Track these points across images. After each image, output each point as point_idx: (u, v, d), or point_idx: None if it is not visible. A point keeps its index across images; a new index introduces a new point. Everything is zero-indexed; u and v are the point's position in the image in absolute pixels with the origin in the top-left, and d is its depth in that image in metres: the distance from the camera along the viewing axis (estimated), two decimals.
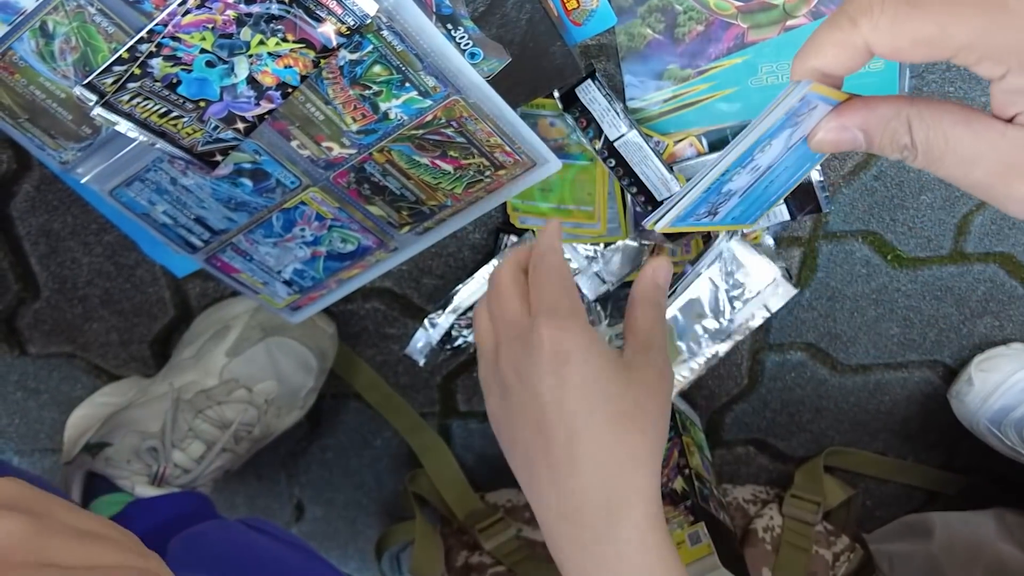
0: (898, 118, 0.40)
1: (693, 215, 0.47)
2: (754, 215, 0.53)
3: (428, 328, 0.90)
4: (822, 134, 0.42)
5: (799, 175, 0.50)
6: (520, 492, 1.03)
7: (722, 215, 0.49)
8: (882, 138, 0.41)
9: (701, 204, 0.45)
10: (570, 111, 0.79)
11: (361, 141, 0.70)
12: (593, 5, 0.71)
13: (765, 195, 0.50)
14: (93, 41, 0.63)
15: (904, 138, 0.40)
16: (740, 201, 0.48)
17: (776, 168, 0.46)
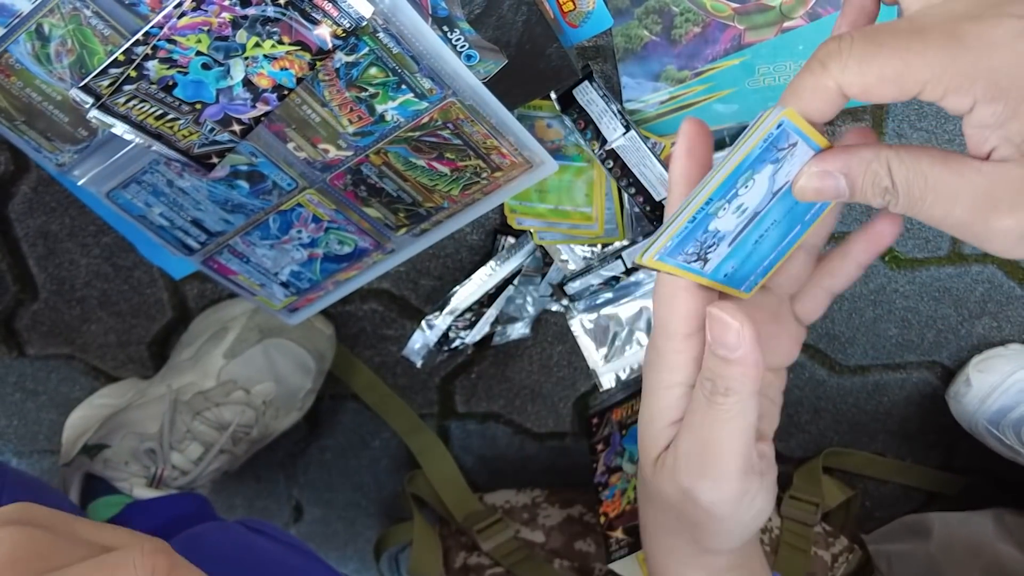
0: (878, 160, 0.41)
1: (681, 253, 0.45)
2: (748, 279, 0.49)
3: (425, 330, 0.90)
4: (804, 180, 0.42)
5: (791, 239, 0.48)
6: (518, 493, 1.03)
7: (713, 265, 0.46)
8: (864, 180, 0.41)
9: (688, 240, 0.44)
10: (568, 112, 0.79)
11: (357, 143, 0.70)
12: (589, 7, 0.71)
13: (757, 254, 0.48)
14: (89, 44, 0.63)
15: (885, 180, 0.40)
16: (731, 253, 0.46)
17: (765, 219, 0.45)
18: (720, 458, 0.46)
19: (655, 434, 0.49)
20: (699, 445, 0.46)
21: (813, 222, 0.48)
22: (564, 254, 0.86)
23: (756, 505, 0.48)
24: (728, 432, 0.45)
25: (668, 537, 0.52)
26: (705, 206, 0.43)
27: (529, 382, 1.01)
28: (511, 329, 0.92)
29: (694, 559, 0.52)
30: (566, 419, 1.05)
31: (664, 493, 0.49)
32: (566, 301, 0.90)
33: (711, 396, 0.45)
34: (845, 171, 0.42)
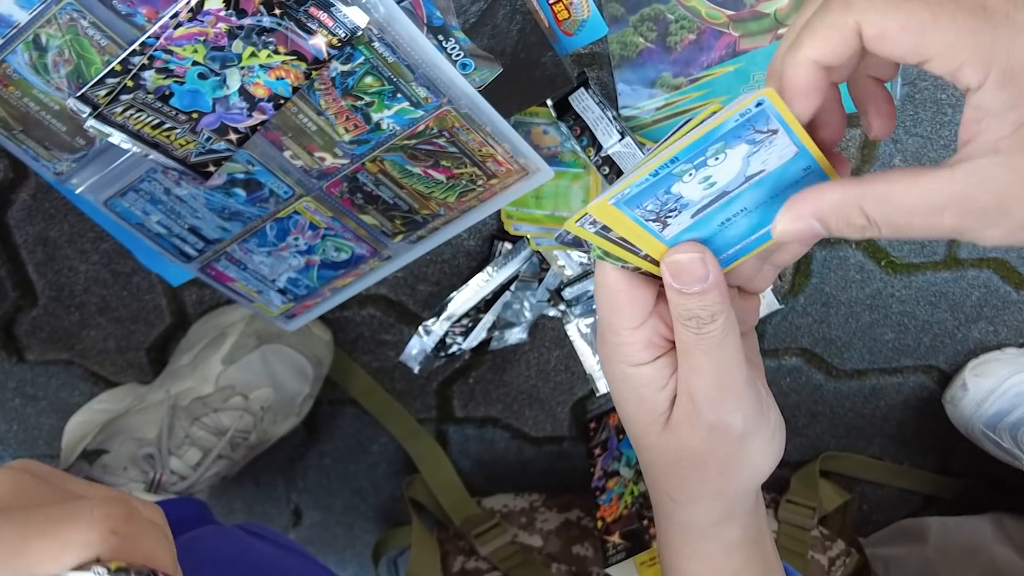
0: (846, 203, 0.40)
1: (639, 206, 0.44)
2: None
3: (423, 335, 0.90)
4: (781, 225, 0.43)
5: (760, 238, 0.48)
6: (516, 497, 1.03)
7: (672, 233, 0.46)
8: (838, 222, 0.41)
9: (648, 193, 0.43)
10: (564, 119, 0.79)
11: (354, 151, 0.70)
12: (584, 15, 0.71)
13: (721, 238, 0.47)
14: (86, 54, 0.63)
15: (859, 220, 0.40)
16: (693, 226, 0.46)
17: (734, 202, 0.45)
18: (732, 377, 0.48)
19: (650, 406, 0.50)
20: (711, 378, 0.47)
21: None
22: (561, 259, 0.86)
23: (772, 417, 0.50)
24: (729, 350, 0.47)
25: (687, 505, 0.53)
26: (670, 163, 0.42)
27: (527, 387, 1.02)
28: (508, 334, 0.92)
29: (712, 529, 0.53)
30: (564, 423, 1.05)
31: (685, 446, 0.50)
32: (563, 306, 0.90)
33: (700, 330, 0.46)
34: (817, 216, 0.41)
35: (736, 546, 0.53)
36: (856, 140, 0.85)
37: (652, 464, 0.53)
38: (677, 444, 0.50)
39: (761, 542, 0.55)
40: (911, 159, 0.86)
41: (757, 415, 0.49)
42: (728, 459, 0.50)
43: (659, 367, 0.49)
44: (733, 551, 0.53)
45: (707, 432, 0.49)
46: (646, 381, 0.50)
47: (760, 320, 0.93)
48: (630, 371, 0.50)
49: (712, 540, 0.53)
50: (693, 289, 0.46)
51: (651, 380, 0.50)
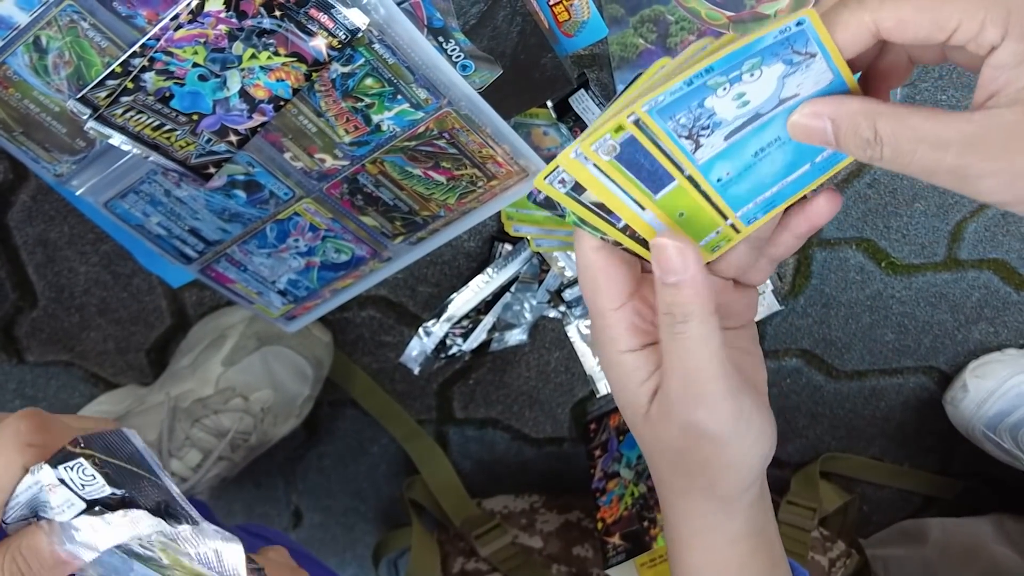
0: (864, 113, 0.41)
1: (672, 118, 0.43)
2: (744, 206, 0.47)
3: (423, 337, 0.90)
4: (795, 116, 0.43)
5: (797, 180, 0.47)
6: (516, 498, 1.03)
7: (705, 156, 0.44)
8: (848, 130, 0.42)
9: (681, 104, 0.42)
10: (564, 120, 0.79)
11: (354, 153, 0.70)
12: (584, 16, 0.71)
13: (756, 174, 0.46)
14: (86, 55, 0.63)
15: (866, 132, 0.41)
16: (726, 151, 0.44)
17: (768, 127, 0.44)
18: (705, 384, 0.46)
19: (632, 398, 0.50)
20: (682, 379, 0.46)
21: (822, 173, 0.47)
22: (561, 261, 0.86)
23: (754, 425, 0.48)
24: (701, 356, 0.45)
25: (683, 495, 0.52)
26: (704, 73, 0.42)
27: (527, 388, 1.02)
28: (509, 336, 0.92)
29: (713, 518, 0.52)
30: (564, 425, 1.05)
31: (665, 439, 0.49)
32: (563, 307, 0.90)
33: (672, 328, 0.45)
34: (833, 116, 0.42)
35: (740, 537, 0.52)
36: None
37: (647, 450, 0.53)
38: (656, 436, 0.50)
39: (767, 533, 0.54)
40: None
41: (734, 421, 0.48)
42: (707, 460, 0.49)
43: (643, 357, 0.49)
44: (737, 542, 0.53)
45: (681, 432, 0.48)
46: (629, 370, 0.49)
47: (760, 321, 0.93)
48: (615, 357, 0.49)
49: (714, 531, 0.53)
50: (669, 280, 0.45)
51: (634, 370, 0.49)
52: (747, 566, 0.53)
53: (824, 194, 0.49)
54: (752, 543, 0.53)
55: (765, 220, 0.48)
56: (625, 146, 0.44)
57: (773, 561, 0.54)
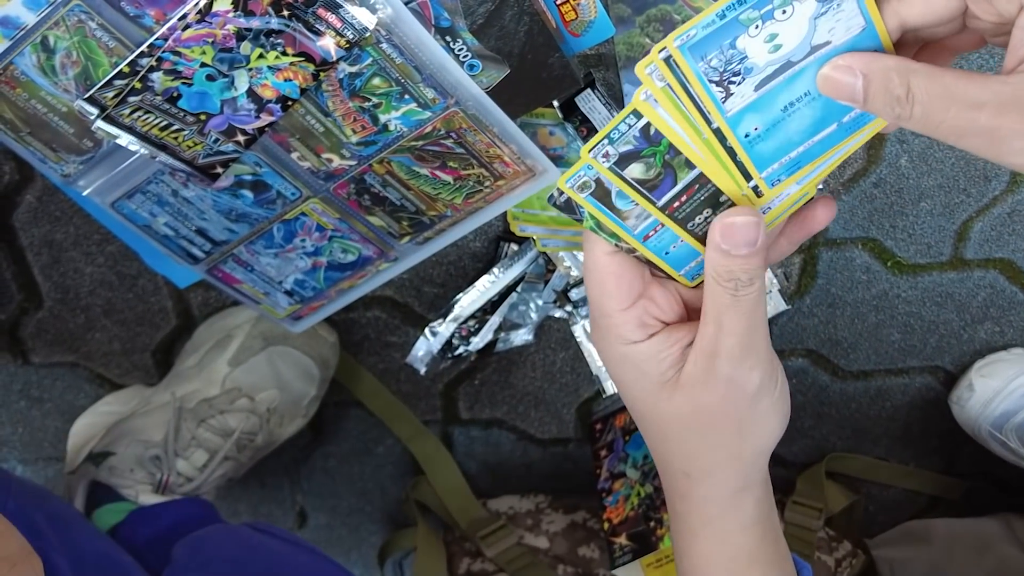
0: (899, 70, 0.41)
1: (703, 58, 0.43)
2: (771, 165, 0.47)
3: (429, 337, 0.90)
4: (826, 69, 0.43)
5: (825, 139, 0.46)
6: (522, 499, 1.03)
7: (736, 107, 0.44)
8: (878, 87, 0.41)
9: (713, 41, 0.42)
10: (570, 120, 0.79)
11: (361, 153, 0.70)
12: (591, 16, 0.71)
13: (784, 130, 0.46)
14: (94, 55, 0.63)
15: (899, 89, 0.41)
16: (756, 103, 0.44)
17: (798, 79, 0.44)
18: (758, 336, 0.49)
19: (657, 376, 0.51)
20: (740, 336, 0.48)
21: (849, 134, 0.47)
22: (567, 261, 0.86)
23: (780, 380, 0.51)
24: (759, 312, 0.48)
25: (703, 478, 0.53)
26: (737, 5, 0.41)
27: (532, 388, 1.02)
28: (514, 336, 0.92)
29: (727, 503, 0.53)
30: (569, 425, 1.05)
31: (699, 406, 0.50)
32: (569, 307, 0.90)
33: (737, 292, 0.47)
34: (865, 71, 0.42)
35: (751, 523, 0.54)
36: None
37: (664, 436, 0.53)
38: (692, 404, 0.51)
39: (773, 521, 0.55)
40: (917, 159, 0.86)
41: (770, 375, 0.50)
42: (742, 417, 0.51)
43: (657, 342, 0.50)
44: (748, 528, 0.54)
45: (724, 389, 0.50)
46: (645, 356, 0.51)
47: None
48: (626, 349, 0.51)
49: (728, 516, 0.53)
50: (741, 252, 0.46)
51: (650, 355, 0.50)
52: (756, 554, 0.54)
53: (821, 202, 0.51)
54: (761, 530, 0.54)
55: (788, 184, 0.48)
56: None
57: (779, 550, 0.55)
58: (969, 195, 0.89)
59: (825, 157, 0.47)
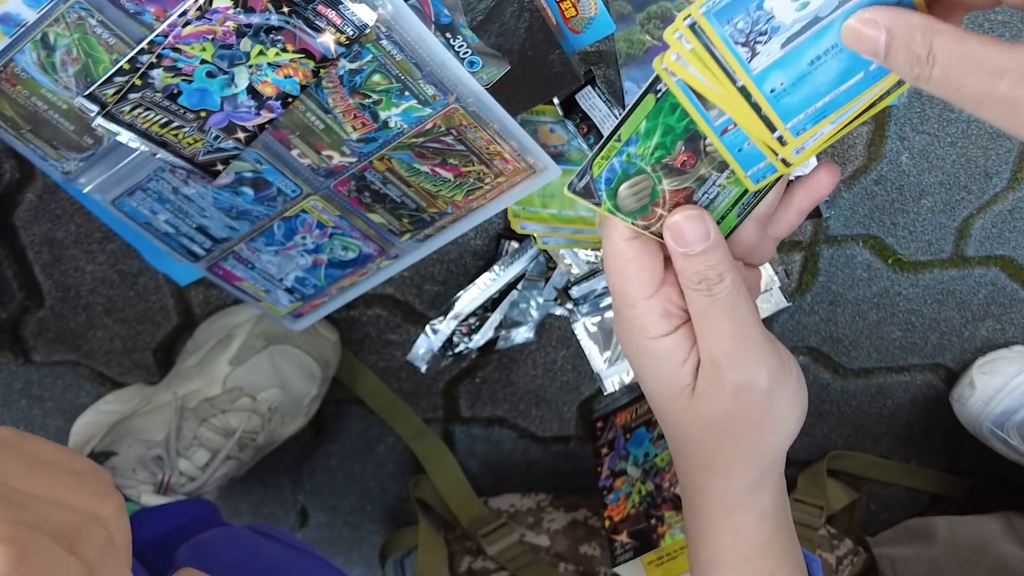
0: (923, 29, 0.40)
1: (729, 21, 0.42)
2: (795, 117, 0.47)
3: (430, 335, 0.90)
4: (851, 20, 0.42)
5: (849, 90, 0.46)
6: (523, 497, 1.03)
7: (761, 65, 0.44)
8: (901, 44, 0.41)
9: (739, 5, 0.41)
10: (571, 117, 0.79)
11: (361, 149, 0.70)
12: (591, 13, 0.71)
13: (810, 83, 0.45)
14: (94, 52, 0.63)
15: (921, 48, 0.40)
16: (783, 60, 0.44)
17: (825, 34, 0.43)
18: (750, 332, 0.48)
19: (674, 379, 0.51)
20: (731, 337, 0.48)
21: (874, 81, 0.46)
22: (568, 258, 0.86)
23: (793, 375, 0.51)
24: (743, 308, 0.48)
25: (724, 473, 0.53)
26: None
27: (533, 386, 1.02)
28: (515, 333, 0.92)
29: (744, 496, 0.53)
30: (570, 423, 1.05)
31: (715, 411, 0.50)
32: (570, 305, 0.90)
33: (711, 292, 0.47)
34: (890, 26, 0.41)
35: (766, 515, 0.54)
36: (863, 138, 0.85)
37: (685, 437, 0.53)
38: (707, 412, 0.50)
39: (786, 514, 0.56)
40: (917, 156, 0.86)
41: (780, 368, 0.50)
42: (759, 418, 0.51)
43: (679, 339, 0.50)
44: (763, 520, 0.54)
45: (734, 393, 0.49)
46: (666, 354, 0.50)
47: (767, 318, 0.93)
48: (650, 344, 0.50)
49: (745, 508, 0.54)
50: (696, 249, 0.46)
51: (671, 353, 0.50)
52: (769, 544, 0.54)
53: (823, 167, 0.50)
54: (775, 520, 0.55)
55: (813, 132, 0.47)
56: None
57: (791, 542, 0.56)
58: (970, 192, 0.89)
59: (851, 104, 0.46)
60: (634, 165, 0.45)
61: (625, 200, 0.46)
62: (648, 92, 0.44)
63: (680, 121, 0.45)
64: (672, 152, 0.46)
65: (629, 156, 0.45)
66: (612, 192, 0.46)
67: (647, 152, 0.45)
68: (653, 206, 0.47)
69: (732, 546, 0.55)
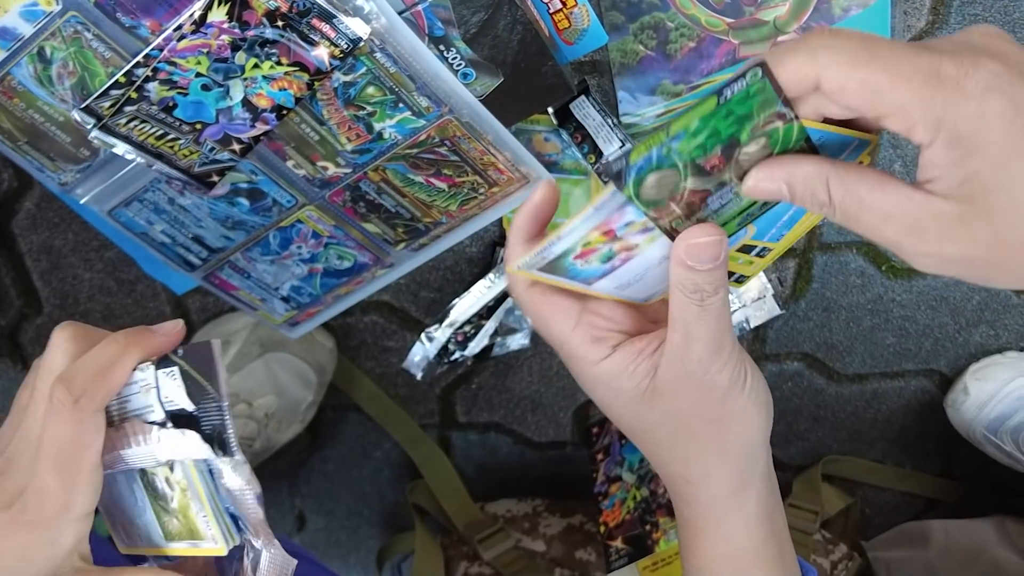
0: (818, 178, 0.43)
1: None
2: None
3: (425, 342, 0.90)
4: (752, 181, 0.45)
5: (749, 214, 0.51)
6: (519, 502, 1.04)
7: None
8: (803, 192, 0.44)
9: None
10: (565, 127, 0.80)
11: (356, 160, 0.70)
12: (584, 24, 0.71)
13: None
14: (90, 66, 0.64)
15: (823, 195, 0.43)
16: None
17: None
18: (725, 341, 0.51)
19: (629, 386, 0.53)
20: (708, 342, 0.50)
21: None
22: None
23: (752, 374, 0.53)
24: (724, 318, 0.51)
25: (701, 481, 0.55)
26: None
27: (529, 392, 1.02)
28: (511, 340, 0.93)
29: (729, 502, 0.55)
30: (566, 429, 1.06)
31: (673, 410, 0.52)
32: None
33: (703, 302, 0.50)
34: (787, 181, 0.44)
35: (755, 522, 0.55)
36: None
37: (655, 444, 0.55)
38: (669, 409, 0.52)
39: (778, 520, 0.57)
40: (911, 164, 0.87)
41: (739, 372, 0.52)
42: (719, 416, 0.53)
43: (619, 357, 0.52)
44: (752, 527, 0.55)
45: (695, 392, 0.52)
46: (613, 374, 0.52)
47: (762, 325, 0.93)
48: (594, 371, 0.53)
49: (732, 515, 0.55)
50: (706, 267, 0.49)
51: (618, 371, 0.52)
52: (760, 553, 0.55)
53: None
54: (766, 528, 0.55)
55: None
56: None
57: (784, 550, 0.57)
58: None
59: None
60: (669, 159, 0.46)
61: (648, 190, 0.47)
62: (713, 95, 0.45)
63: (728, 128, 0.46)
64: (708, 154, 0.47)
65: (669, 150, 0.46)
66: (639, 180, 0.46)
67: (687, 150, 0.46)
68: (669, 200, 0.48)
69: (723, 555, 0.55)
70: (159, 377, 0.47)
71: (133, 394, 0.48)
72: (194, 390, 0.46)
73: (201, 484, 0.48)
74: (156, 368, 0.47)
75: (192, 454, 0.47)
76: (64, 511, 0.46)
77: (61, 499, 0.46)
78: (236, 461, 0.47)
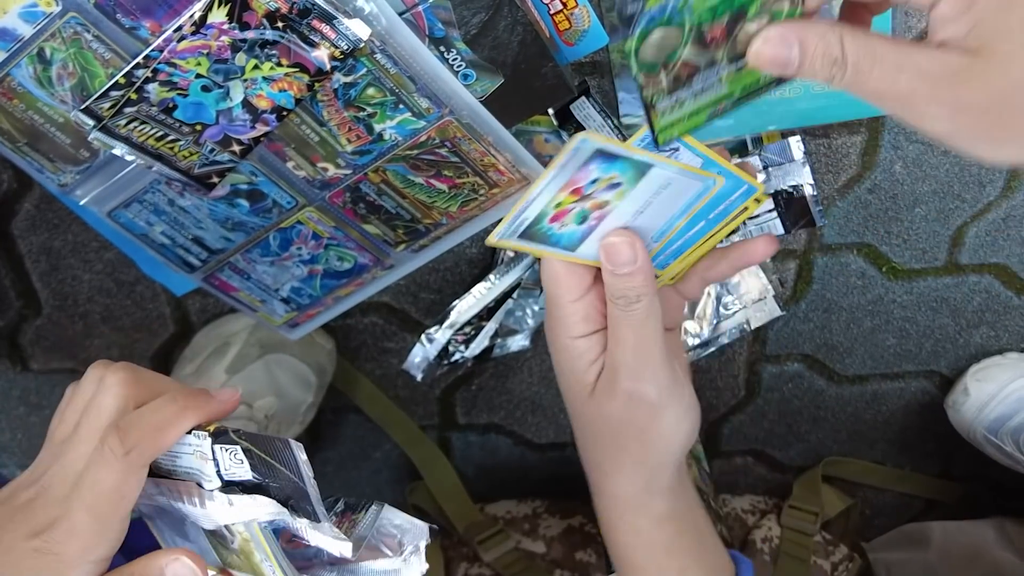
0: (832, 32, 0.44)
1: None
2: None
3: (425, 344, 0.90)
4: (759, 43, 0.45)
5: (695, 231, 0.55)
6: (519, 503, 1.04)
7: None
8: (815, 50, 0.44)
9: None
10: (565, 127, 0.80)
11: (356, 161, 0.70)
12: (585, 25, 0.71)
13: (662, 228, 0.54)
14: (90, 67, 0.64)
15: (835, 50, 0.43)
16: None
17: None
18: (649, 352, 0.54)
19: (580, 377, 0.56)
20: (633, 349, 0.54)
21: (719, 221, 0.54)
22: None
23: (685, 395, 0.57)
24: (650, 327, 0.53)
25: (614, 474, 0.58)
26: None
27: (529, 393, 1.02)
28: (511, 341, 0.93)
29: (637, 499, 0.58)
30: (566, 430, 1.06)
31: (606, 413, 0.56)
32: None
33: (626, 308, 0.53)
34: (800, 37, 0.44)
35: (664, 518, 0.59)
36: (857, 147, 0.85)
37: (582, 434, 0.59)
38: (599, 411, 0.56)
39: (692, 519, 0.61)
40: (911, 165, 0.87)
41: (671, 389, 0.55)
42: (645, 428, 0.56)
43: (592, 342, 0.55)
44: (662, 523, 0.59)
45: (625, 400, 0.55)
46: (579, 353, 0.56)
47: (762, 326, 0.93)
48: (568, 342, 0.56)
49: (640, 511, 0.59)
50: (623, 271, 0.52)
51: (583, 353, 0.56)
52: (674, 546, 0.59)
53: (764, 239, 0.56)
54: (676, 525, 0.59)
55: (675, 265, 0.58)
56: None
57: (702, 543, 0.61)
58: (964, 200, 0.89)
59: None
60: (681, 15, 0.45)
61: (649, 48, 0.46)
62: None
63: None
64: (716, 21, 0.46)
65: (685, 4, 0.45)
66: (645, 33, 0.45)
67: (700, 9, 0.45)
68: (661, 67, 0.48)
69: (635, 545, 0.60)
70: (215, 451, 0.47)
71: (184, 454, 0.48)
72: (262, 468, 0.47)
73: (265, 540, 0.49)
74: (213, 442, 0.48)
75: (260, 516, 0.48)
76: (87, 552, 0.46)
77: (89, 541, 0.46)
78: (317, 525, 0.48)
